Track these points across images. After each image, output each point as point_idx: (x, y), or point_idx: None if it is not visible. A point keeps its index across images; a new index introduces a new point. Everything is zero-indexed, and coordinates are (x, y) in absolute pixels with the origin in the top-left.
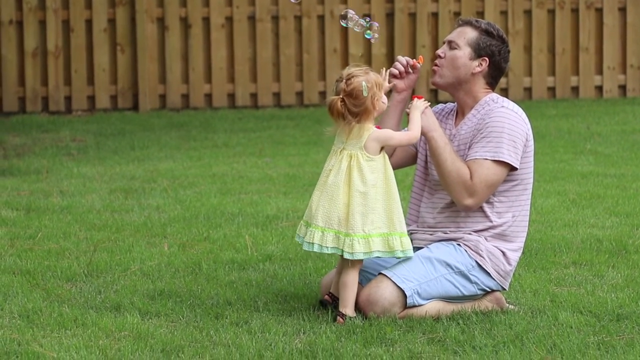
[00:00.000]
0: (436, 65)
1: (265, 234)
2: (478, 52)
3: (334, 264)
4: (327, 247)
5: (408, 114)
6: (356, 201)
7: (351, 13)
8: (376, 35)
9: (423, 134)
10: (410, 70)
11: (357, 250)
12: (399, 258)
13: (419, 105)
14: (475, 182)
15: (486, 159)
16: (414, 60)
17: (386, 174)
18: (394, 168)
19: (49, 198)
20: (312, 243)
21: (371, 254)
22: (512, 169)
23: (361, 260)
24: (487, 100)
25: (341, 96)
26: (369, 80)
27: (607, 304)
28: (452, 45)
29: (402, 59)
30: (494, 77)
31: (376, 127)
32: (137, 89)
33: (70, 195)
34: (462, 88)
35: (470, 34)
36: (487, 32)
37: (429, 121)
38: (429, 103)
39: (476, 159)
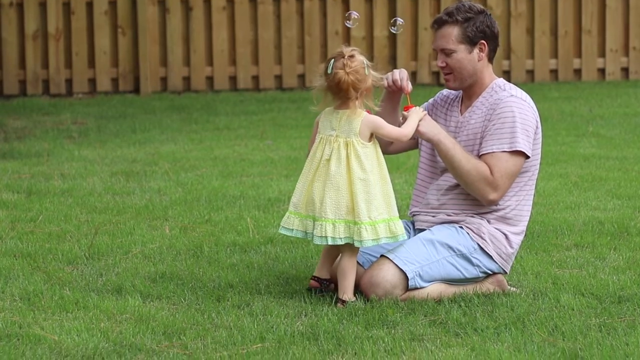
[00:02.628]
0: (446, 74)
1: (267, 216)
2: (471, 41)
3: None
4: (340, 238)
5: (404, 119)
6: (358, 189)
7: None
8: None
9: (428, 140)
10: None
11: (365, 237)
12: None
13: (418, 112)
14: (497, 176)
15: (504, 151)
16: (407, 82)
17: (379, 160)
18: (397, 152)
19: (50, 181)
20: (325, 237)
21: (379, 241)
22: (526, 157)
23: (358, 247)
24: (494, 87)
25: (347, 71)
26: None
27: (609, 286)
28: (446, 52)
29: (397, 76)
30: (494, 48)
31: (366, 111)
32: (138, 72)
33: (71, 178)
34: (473, 78)
35: (453, 32)
36: (466, 20)
37: (431, 126)
38: (425, 112)
39: (494, 152)
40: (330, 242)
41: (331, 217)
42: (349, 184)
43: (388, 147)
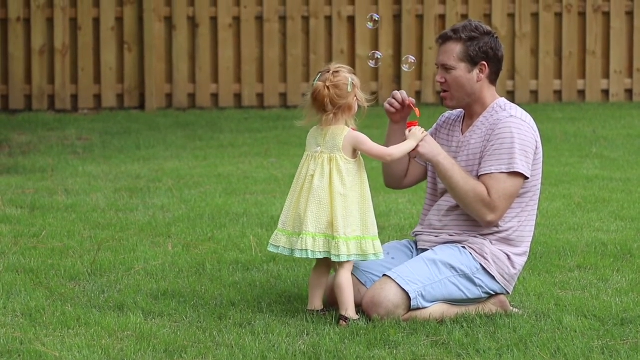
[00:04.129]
0: (444, 91)
1: (270, 234)
2: (472, 61)
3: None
4: (319, 252)
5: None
6: (337, 204)
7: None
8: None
9: (428, 160)
10: (403, 105)
11: (343, 252)
12: (371, 260)
13: (417, 134)
14: (494, 197)
15: (502, 172)
16: (410, 99)
17: (361, 177)
18: (412, 184)
19: (53, 196)
20: (305, 250)
21: (350, 257)
22: (525, 178)
23: (351, 261)
24: (495, 107)
25: (327, 84)
26: (353, 78)
27: (612, 308)
28: (446, 68)
29: (399, 95)
30: (496, 71)
31: (352, 128)
32: (144, 88)
33: (75, 194)
34: (472, 98)
35: (456, 49)
36: (470, 39)
37: (431, 147)
38: (427, 133)
39: (492, 173)
40: (310, 255)
41: (312, 231)
42: (330, 199)
43: (402, 181)
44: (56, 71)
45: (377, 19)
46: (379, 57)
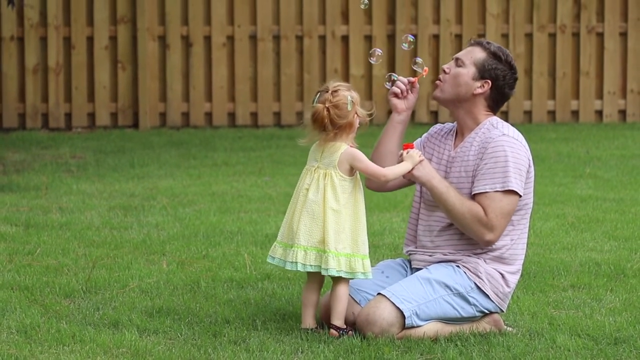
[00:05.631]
0: (439, 79)
1: (265, 252)
2: (482, 73)
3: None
4: (310, 265)
5: (400, 161)
6: (329, 219)
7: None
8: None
9: (422, 184)
10: (410, 90)
11: (332, 266)
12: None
13: (414, 156)
14: (491, 216)
15: (497, 190)
16: (415, 77)
17: (355, 196)
18: (394, 189)
19: (48, 214)
20: (296, 262)
21: (340, 272)
22: (519, 196)
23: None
24: (487, 125)
25: (326, 105)
26: (352, 96)
27: (605, 328)
28: (458, 62)
29: (403, 79)
30: (496, 101)
31: (350, 145)
32: (138, 107)
33: (69, 212)
34: (462, 107)
35: (478, 54)
36: (495, 56)
37: (426, 170)
38: (422, 158)
39: (487, 192)
40: (300, 268)
41: (303, 244)
42: (323, 213)
43: (385, 184)
44: (50, 90)
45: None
46: (380, 53)
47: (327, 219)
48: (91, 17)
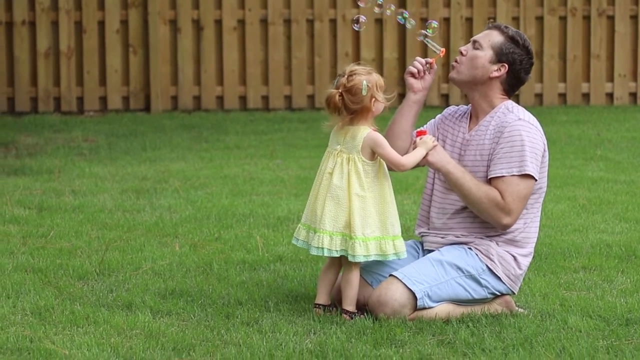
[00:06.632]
0: (456, 61)
1: (276, 235)
2: (499, 57)
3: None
4: (336, 251)
5: (414, 147)
6: (355, 204)
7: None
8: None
9: (437, 169)
10: (427, 71)
11: (358, 253)
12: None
13: (428, 142)
14: (508, 200)
15: (513, 175)
16: (433, 58)
17: (380, 179)
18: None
19: (61, 197)
20: (322, 248)
21: (369, 257)
22: (535, 180)
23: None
24: (502, 109)
25: (340, 90)
26: (370, 80)
27: (616, 309)
28: (475, 45)
29: (421, 59)
30: (512, 85)
31: (372, 129)
32: (149, 90)
33: (82, 195)
34: (477, 90)
35: (496, 37)
36: (512, 40)
37: (440, 156)
38: (436, 143)
39: (503, 176)
40: (326, 254)
41: (329, 229)
42: (348, 199)
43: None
44: (62, 74)
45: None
46: (364, 20)
47: (353, 205)
48: (102, 1)
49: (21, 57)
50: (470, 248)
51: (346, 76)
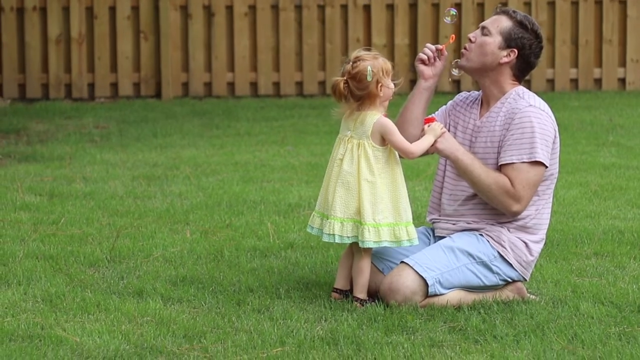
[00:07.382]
0: (465, 48)
1: (287, 221)
2: (508, 42)
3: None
4: (347, 237)
5: (423, 135)
6: (364, 190)
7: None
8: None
9: (447, 157)
10: (438, 57)
11: (367, 238)
12: (405, 247)
13: (436, 129)
14: (518, 187)
15: (523, 161)
16: (443, 44)
17: (391, 164)
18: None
19: (72, 184)
20: (333, 234)
21: (380, 243)
22: (545, 167)
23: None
24: (513, 95)
25: (345, 78)
26: (375, 65)
27: (629, 295)
28: (484, 31)
29: (431, 46)
30: (522, 70)
31: (383, 115)
32: (160, 77)
33: (93, 182)
34: (487, 76)
35: (504, 23)
36: (521, 24)
37: (449, 143)
38: (444, 130)
39: (513, 162)
40: (337, 240)
41: (340, 216)
42: (358, 185)
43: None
44: (73, 60)
45: (454, 13)
46: (454, 13)
47: (362, 191)
48: None
49: (32, 43)
50: (481, 234)
51: (351, 62)
